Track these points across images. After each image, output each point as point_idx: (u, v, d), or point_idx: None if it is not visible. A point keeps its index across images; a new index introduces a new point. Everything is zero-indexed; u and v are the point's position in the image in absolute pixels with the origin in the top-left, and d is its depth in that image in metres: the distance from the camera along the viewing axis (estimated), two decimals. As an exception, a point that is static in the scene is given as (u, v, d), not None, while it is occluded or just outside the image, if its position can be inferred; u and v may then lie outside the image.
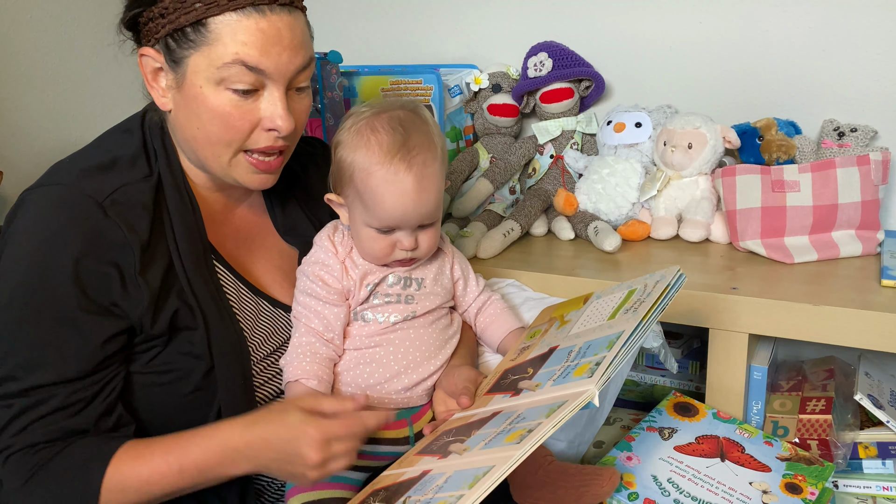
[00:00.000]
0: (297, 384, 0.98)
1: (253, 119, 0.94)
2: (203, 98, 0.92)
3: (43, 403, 0.88)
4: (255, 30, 0.90)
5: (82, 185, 0.91)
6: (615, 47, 1.66)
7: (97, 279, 0.89)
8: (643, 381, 1.55)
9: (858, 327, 1.12)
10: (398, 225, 0.99)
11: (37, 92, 1.64)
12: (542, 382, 0.89)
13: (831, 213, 1.34)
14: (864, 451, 1.23)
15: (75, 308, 0.88)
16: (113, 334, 0.91)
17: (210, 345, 0.95)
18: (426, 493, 0.79)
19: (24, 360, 0.88)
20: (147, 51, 0.94)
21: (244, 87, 0.91)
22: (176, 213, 0.97)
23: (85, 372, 0.89)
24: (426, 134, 0.99)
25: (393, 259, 1.02)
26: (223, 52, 0.90)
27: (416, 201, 0.97)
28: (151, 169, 0.97)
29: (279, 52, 0.91)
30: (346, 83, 1.64)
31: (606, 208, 1.50)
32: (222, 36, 0.90)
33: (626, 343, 0.84)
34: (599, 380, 0.79)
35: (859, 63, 1.48)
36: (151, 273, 0.92)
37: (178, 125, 0.97)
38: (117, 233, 0.90)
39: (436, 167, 0.99)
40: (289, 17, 0.92)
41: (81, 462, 0.88)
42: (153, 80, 0.96)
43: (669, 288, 0.90)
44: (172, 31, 0.91)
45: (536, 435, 0.76)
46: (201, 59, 0.91)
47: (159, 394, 0.95)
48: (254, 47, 0.90)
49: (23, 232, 0.90)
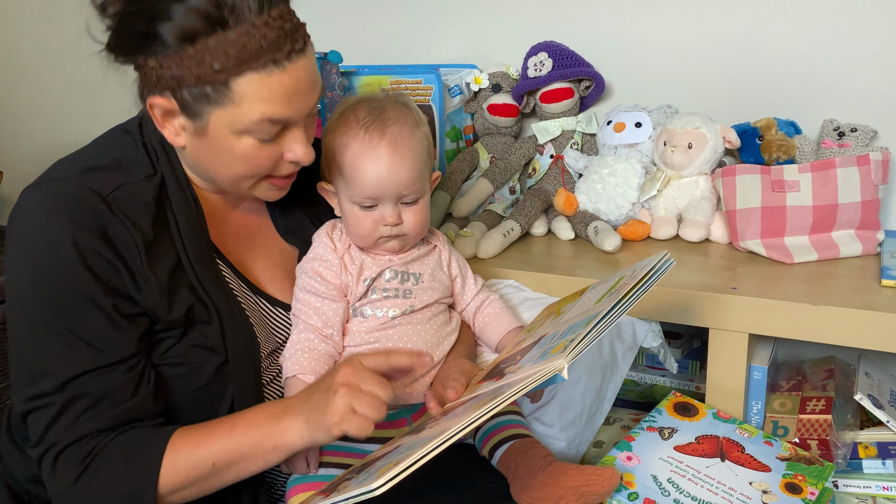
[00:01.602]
0: (295, 379, 0.99)
1: (276, 156, 0.95)
2: (227, 145, 0.92)
3: (84, 396, 0.88)
4: (279, 86, 0.88)
5: (85, 180, 0.91)
6: (615, 47, 1.66)
7: (108, 267, 0.89)
8: (643, 381, 1.55)
9: (858, 327, 1.12)
10: (377, 195, 1.00)
11: (37, 92, 1.64)
12: (523, 365, 0.90)
13: (831, 213, 1.34)
14: (864, 451, 1.24)
15: (95, 291, 0.88)
16: (135, 313, 0.91)
17: (224, 339, 0.96)
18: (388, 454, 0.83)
19: (53, 353, 0.88)
20: (157, 100, 0.90)
21: (269, 137, 0.92)
22: (180, 213, 0.97)
23: (120, 356, 0.89)
24: (405, 113, 1.02)
25: (379, 236, 1.03)
26: (249, 112, 0.89)
27: (390, 166, 0.99)
28: (155, 169, 0.97)
29: (301, 99, 0.92)
30: (346, 83, 1.64)
31: (606, 208, 1.50)
32: (246, 96, 0.88)
33: (603, 319, 0.84)
34: (569, 354, 0.80)
35: (859, 63, 1.48)
36: (159, 268, 0.92)
37: (194, 159, 0.97)
38: (122, 229, 0.90)
39: (413, 140, 1.01)
40: (304, 61, 0.91)
41: (137, 449, 0.88)
42: (164, 121, 0.93)
43: (654, 270, 0.90)
44: (188, 86, 0.87)
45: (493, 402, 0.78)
46: (224, 116, 0.89)
47: (172, 386, 0.95)
48: (279, 104, 0.89)
49: (27, 227, 0.90)
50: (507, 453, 1.01)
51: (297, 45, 0.89)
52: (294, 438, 0.88)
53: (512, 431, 1.04)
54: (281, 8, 0.88)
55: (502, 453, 1.01)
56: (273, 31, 0.86)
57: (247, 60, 0.86)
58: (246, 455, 0.89)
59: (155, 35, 0.85)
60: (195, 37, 0.84)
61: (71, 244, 0.87)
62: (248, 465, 0.90)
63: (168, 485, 0.88)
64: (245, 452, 0.88)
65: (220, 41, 0.85)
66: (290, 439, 0.88)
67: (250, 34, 0.85)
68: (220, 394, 0.96)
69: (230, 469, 0.89)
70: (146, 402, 0.91)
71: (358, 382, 0.84)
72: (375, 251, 1.07)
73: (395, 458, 0.78)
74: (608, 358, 1.26)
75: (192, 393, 0.95)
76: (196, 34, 0.84)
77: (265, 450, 0.88)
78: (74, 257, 0.87)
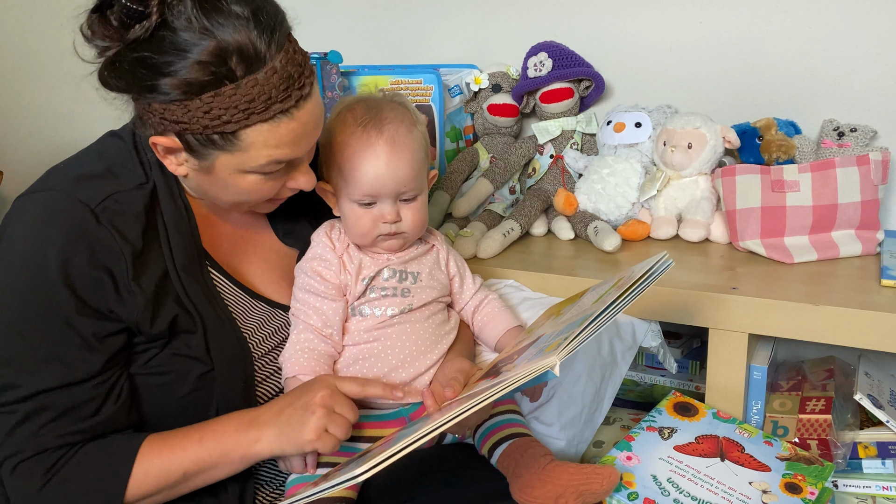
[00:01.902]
0: (295, 380, 1.00)
1: (280, 186, 0.97)
2: (232, 181, 0.93)
3: (49, 408, 0.88)
4: (287, 132, 0.89)
5: (75, 191, 0.91)
6: (615, 47, 1.66)
7: (90, 284, 0.89)
8: (643, 381, 1.55)
9: (858, 327, 1.12)
10: (376, 192, 1.01)
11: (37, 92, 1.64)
12: (518, 364, 0.90)
13: (831, 213, 1.34)
14: (864, 451, 1.24)
15: (71, 311, 0.88)
16: (111, 332, 0.91)
17: (209, 348, 0.96)
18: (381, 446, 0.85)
19: (24, 366, 0.88)
20: (160, 140, 0.89)
21: (274, 171, 0.93)
22: (171, 222, 0.97)
23: (91, 373, 0.90)
24: (401, 112, 1.03)
25: (378, 234, 1.04)
26: (256, 157, 0.89)
27: (388, 164, 1.00)
28: (147, 176, 0.97)
29: (307, 140, 0.93)
30: (346, 83, 1.64)
31: (606, 208, 1.50)
32: (255, 144, 0.88)
33: (597, 318, 0.84)
34: (562, 351, 0.80)
35: (859, 63, 1.48)
36: (145, 279, 0.92)
37: (196, 185, 0.97)
38: (109, 240, 0.90)
39: (410, 139, 1.02)
40: (310, 103, 0.90)
41: (105, 458, 0.89)
42: (166, 155, 0.92)
43: (652, 270, 0.90)
44: (195, 133, 0.87)
45: (484, 395, 0.80)
46: (231, 160, 0.90)
47: (156, 395, 0.95)
48: (287, 148, 0.90)
49: (15, 238, 0.90)
50: (506, 452, 1.01)
51: (304, 90, 0.89)
52: (263, 449, 0.91)
53: (511, 430, 1.04)
54: (286, 50, 0.87)
55: (502, 452, 1.01)
56: (281, 79, 0.86)
57: (256, 112, 0.86)
58: (215, 464, 0.91)
59: (155, 87, 0.84)
60: (202, 90, 0.84)
61: (55, 261, 0.87)
62: (216, 473, 0.93)
63: (136, 493, 0.89)
64: (215, 461, 0.91)
65: (229, 94, 0.84)
66: (259, 449, 0.91)
67: (258, 86, 0.84)
68: (206, 400, 0.96)
69: (198, 477, 0.92)
70: (115, 416, 0.92)
71: (333, 405, 0.90)
72: (374, 250, 1.07)
73: (385, 449, 0.79)
74: (607, 357, 1.26)
75: (176, 401, 0.96)
76: (202, 87, 0.83)
77: (233, 459, 0.91)
78: (57, 274, 0.87)
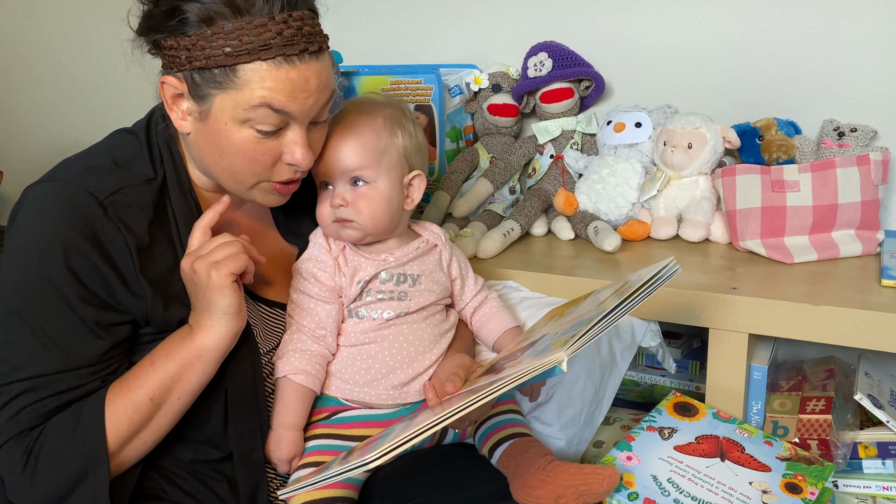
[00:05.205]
0: (286, 380, 1.01)
1: (275, 154, 0.96)
2: (227, 133, 0.93)
3: (37, 389, 0.89)
4: (284, 79, 0.90)
5: (85, 182, 0.92)
6: (615, 47, 1.66)
7: (95, 274, 0.90)
8: (643, 381, 1.55)
9: (858, 327, 1.12)
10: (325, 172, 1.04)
11: (37, 92, 1.64)
12: (523, 360, 0.90)
13: (831, 213, 1.34)
14: (864, 451, 1.23)
15: (75, 298, 0.89)
16: (115, 323, 0.92)
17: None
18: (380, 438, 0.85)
19: (25, 350, 0.89)
20: (169, 79, 0.93)
21: (268, 129, 0.93)
22: (181, 216, 0.98)
23: (90, 361, 0.91)
24: (379, 108, 1.05)
25: (332, 220, 1.04)
26: (250, 97, 0.90)
27: (333, 141, 1.03)
28: (156, 172, 0.98)
29: (305, 97, 0.92)
30: (346, 83, 1.64)
31: (606, 208, 1.50)
32: (251, 82, 0.89)
33: (605, 318, 0.85)
34: (569, 347, 0.81)
35: (859, 63, 1.48)
36: (152, 271, 0.93)
37: (196, 148, 0.98)
38: (115, 232, 0.91)
39: (369, 128, 1.04)
40: (316, 64, 0.92)
41: (75, 419, 0.89)
42: (173, 103, 0.95)
43: (660, 275, 0.91)
44: (199, 68, 0.90)
45: (490, 388, 0.80)
46: (227, 100, 0.91)
47: None
48: (281, 93, 0.90)
49: (24, 226, 0.91)
50: (506, 452, 1.01)
51: (312, 47, 0.91)
52: (210, 337, 0.91)
53: (511, 430, 1.04)
54: (304, 13, 0.91)
55: (502, 452, 1.01)
56: (291, 29, 0.89)
57: (258, 50, 0.88)
58: (178, 376, 0.91)
59: (180, 12, 0.88)
60: (214, 19, 0.87)
61: (59, 246, 0.88)
62: (185, 386, 0.92)
63: (116, 439, 0.89)
64: (175, 374, 0.91)
65: (237, 27, 0.87)
66: (207, 340, 0.91)
67: (267, 26, 0.88)
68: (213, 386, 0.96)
69: (169, 398, 0.92)
70: None
71: (211, 258, 0.90)
72: (369, 250, 1.07)
73: (387, 440, 0.79)
74: (607, 357, 1.27)
75: None
76: (216, 17, 0.87)
77: (191, 362, 0.92)
78: (60, 259, 0.88)
